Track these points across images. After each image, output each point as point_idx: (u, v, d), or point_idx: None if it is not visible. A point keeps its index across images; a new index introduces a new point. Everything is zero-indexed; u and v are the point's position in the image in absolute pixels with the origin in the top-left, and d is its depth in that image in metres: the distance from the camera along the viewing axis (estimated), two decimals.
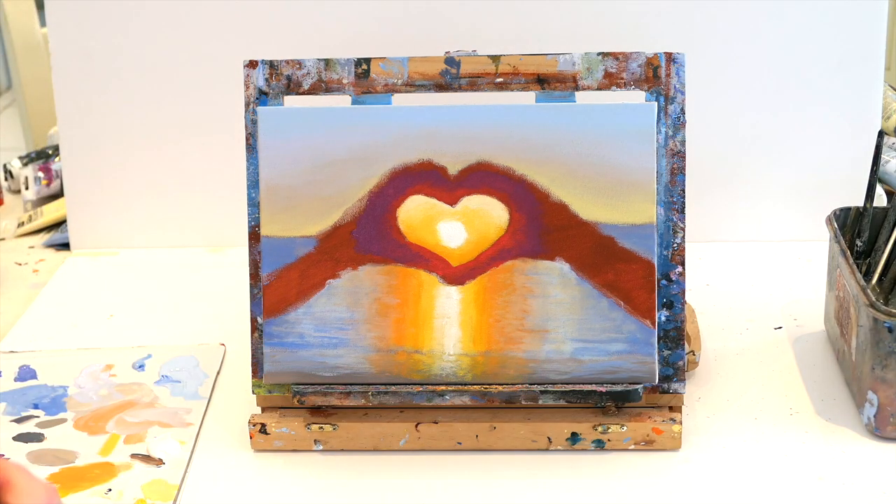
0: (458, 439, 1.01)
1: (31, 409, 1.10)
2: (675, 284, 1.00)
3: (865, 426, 1.02)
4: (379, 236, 1.01)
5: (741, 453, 1.00)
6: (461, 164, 1.01)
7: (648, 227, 0.99)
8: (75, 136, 1.39)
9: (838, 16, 1.29)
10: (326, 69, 1.03)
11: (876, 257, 1.11)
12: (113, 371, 1.16)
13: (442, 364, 1.00)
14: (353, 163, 1.01)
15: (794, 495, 0.95)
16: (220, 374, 1.15)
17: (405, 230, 1.01)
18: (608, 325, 0.99)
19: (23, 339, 1.23)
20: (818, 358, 1.13)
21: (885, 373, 0.99)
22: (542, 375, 1.00)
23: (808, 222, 1.32)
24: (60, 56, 1.37)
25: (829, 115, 1.32)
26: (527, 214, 1.00)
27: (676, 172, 1.00)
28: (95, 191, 1.40)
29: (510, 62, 1.02)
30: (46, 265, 1.40)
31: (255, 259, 1.03)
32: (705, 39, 1.30)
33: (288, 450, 1.02)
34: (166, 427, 1.07)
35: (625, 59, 1.01)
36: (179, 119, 1.37)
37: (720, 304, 1.23)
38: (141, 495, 0.98)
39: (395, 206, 1.01)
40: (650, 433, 1.00)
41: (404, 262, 1.00)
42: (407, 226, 1.01)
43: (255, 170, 1.03)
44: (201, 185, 1.39)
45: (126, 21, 1.35)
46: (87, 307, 1.30)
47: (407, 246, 1.01)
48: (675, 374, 1.01)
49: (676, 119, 1.00)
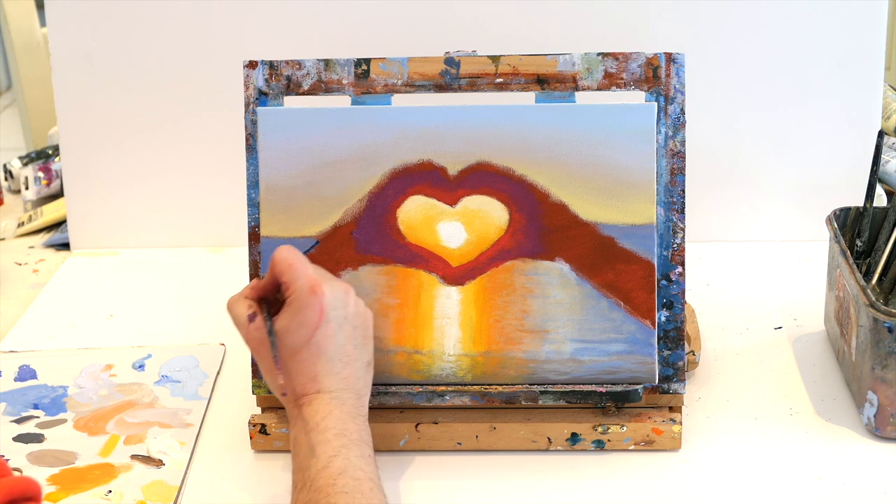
0: (458, 439, 1.01)
1: (31, 409, 1.10)
2: (675, 284, 1.00)
3: (865, 426, 1.02)
4: (379, 237, 1.01)
5: (741, 453, 1.00)
6: (461, 165, 1.01)
7: (648, 227, 0.99)
8: (75, 136, 1.39)
9: (838, 16, 1.29)
10: (326, 69, 1.03)
11: (876, 257, 1.11)
12: (113, 371, 1.16)
13: (442, 364, 1.00)
14: (353, 163, 1.01)
15: (794, 495, 0.95)
16: (220, 374, 1.15)
17: (405, 230, 1.01)
18: (608, 325, 0.99)
19: (23, 339, 1.23)
20: (818, 358, 1.13)
21: (885, 373, 0.99)
22: (541, 376, 1.00)
23: (808, 222, 1.32)
24: (60, 56, 1.37)
25: (830, 115, 1.32)
26: (527, 215, 1.00)
27: (676, 172, 1.00)
28: (95, 191, 1.40)
29: (510, 62, 1.02)
30: (46, 265, 1.40)
31: (255, 259, 1.03)
32: (705, 39, 1.30)
33: (288, 450, 1.02)
34: (166, 427, 1.07)
35: (625, 59, 1.01)
36: (179, 119, 1.37)
37: (720, 304, 1.23)
38: (141, 497, 0.98)
39: (395, 207, 1.01)
40: (650, 433, 1.00)
41: (404, 263, 1.00)
42: (407, 226, 1.01)
43: (255, 170, 1.03)
44: (201, 185, 1.39)
45: (126, 21, 1.34)
46: (87, 307, 1.30)
47: (407, 246, 1.01)
48: (675, 374, 1.01)
49: (676, 119, 1.00)
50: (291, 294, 0.93)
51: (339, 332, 0.93)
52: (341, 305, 0.94)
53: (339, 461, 0.88)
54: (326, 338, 0.92)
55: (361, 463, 0.89)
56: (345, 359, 0.93)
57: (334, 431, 0.90)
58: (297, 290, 0.93)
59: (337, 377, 0.93)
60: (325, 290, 0.93)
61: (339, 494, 0.86)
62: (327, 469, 0.88)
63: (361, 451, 0.90)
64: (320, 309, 0.92)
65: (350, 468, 0.88)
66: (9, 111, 3.49)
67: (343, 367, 0.93)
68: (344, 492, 0.86)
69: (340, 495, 0.86)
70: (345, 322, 0.94)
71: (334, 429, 0.90)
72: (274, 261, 0.94)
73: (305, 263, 0.94)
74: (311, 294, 0.92)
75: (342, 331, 0.93)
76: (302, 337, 0.92)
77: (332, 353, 0.93)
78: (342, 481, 0.87)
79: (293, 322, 0.92)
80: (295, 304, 0.92)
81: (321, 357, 0.92)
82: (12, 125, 2.88)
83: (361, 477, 0.88)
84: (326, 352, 0.93)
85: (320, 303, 0.92)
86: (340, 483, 0.87)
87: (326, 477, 0.87)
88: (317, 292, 0.92)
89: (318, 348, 0.92)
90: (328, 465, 0.88)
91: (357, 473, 0.88)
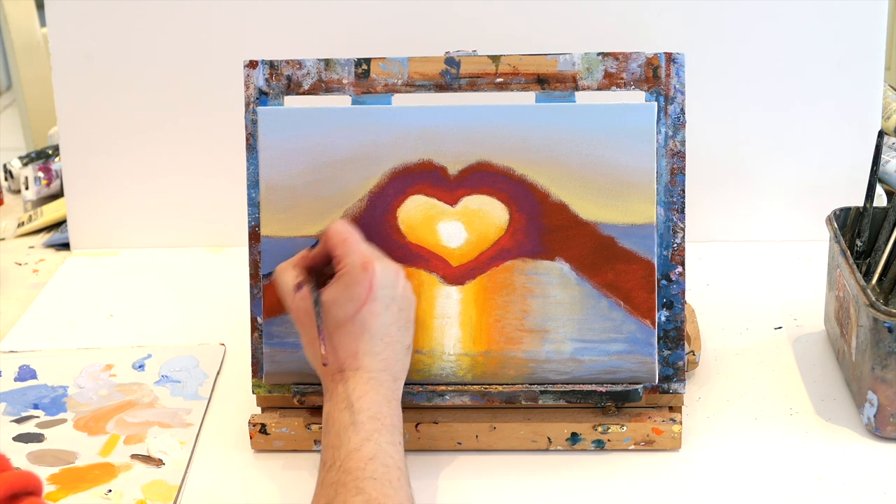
0: (458, 439, 1.01)
1: (31, 409, 1.10)
2: (675, 284, 1.00)
3: (865, 426, 1.02)
4: (379, 236, 1.01)
5: (741, 453, 1.00)
6: (461, 164, 1.01)
7: (648, 227, 0.99)
8: (75, 136, 1.39)
9: (838, 16, 1.29)
10: (326, 69, 1.03)
11: (876, 257, 1.11)
12: (113, 371, 1.16)
13: (442, 364, 1.00)
14: (353, 163, 1.01)
15: (794, 495, 0.95)
16: (220, 374, 1.15)
17: (405, 230, 1.01)
18: (608, 325, 0.99)
19: (23, 339, 1.23)
20: (818, 358, 1.13)
21: (885, 373, 0.99)
22: (541, 375, 1.00)
23: (808, 222, 1.32)
24: (60, 56, 1.37)
25: (829, 115, 1.32)
26: (527, 214, 1.00)
27: (676, 172, 1.00)
28: (95, 191, 1.40)
29: (510, 62, 1.02)
30: (46, 265, 1.40)
31: (255, 259, 1.03)
32: (705, 39, 1.30)
33: (288, 450, 1.02)
34: (166, 427, 1.07)
35: (625, 59, 1.01)
36: (179, 119, 1.37)
37: (720, 304, 1.23)
38: (141, 496, 0.98)
39: (396, 206, 1.01)
40: (650, 433, 1.00)
41: (404, 262, 1.00)
42: (407, 226, 1.01)
43: (255, 170, 1.03)
44: (201, 185, 1.39)
45: (126, 21, 1.34)
46: (87, 307, 1.30)
47: (407, 246, 1.01)
48: (675, 374, 1.01)
49: (676, 119, 1.00)
50: (343, 268, 0.94)
51: (385, 311, 0.94)
52: (391, 285, 0.94)
53: (370, 445, 0.89)
54: (372, 315, 0.93)
55: (392, 450, 0.89)
56: (387, 339, 0.94)
57: (368, 413, 0.90)
58: (348, 265, 0.93)
59: (377, 357, 0.93)
60: (376, 267, 0.93)
61: (367, 480, 0.86)
62: (358, 452, 0.88)
63: (392, 438, 0.90)
64: (370, 285, 0.93)
65: (381, 454, 0.88)
66: (9, 111, 3.49)
67: (384, 347, 0.94)
68: (373, 478, 0.86)
69: (369, 481, 0.86)
70: (392, 302, 0.94)
71: (368, 411, 0.91)
72: (328, 234, 0.95)
73: (359, 239, 0.95)
74: (362, 270, 0.93)
75: (388, 311, 0.94)
76: (348, 311, 0.93)
77: (376, 331, 0.93)
78: (372, 467, 0.87)
79: (342, 295, 0.93)
80: (345, 277, 0.93)
81: (364, 334, 0.93)
82: (12, 125, 2.88)
83: (391, 465, 0.88)
84: (370, 329, 0.93)
85: (371, 280, 0.93)
86: (370, 469, 0.87)
87: (357, 460, 0.88)
88: (368, 269, 0.93)
89: (362, 325, 0.93)
90: (360, 447, 0.88)
91: (387, 461, 0.88)
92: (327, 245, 0.96)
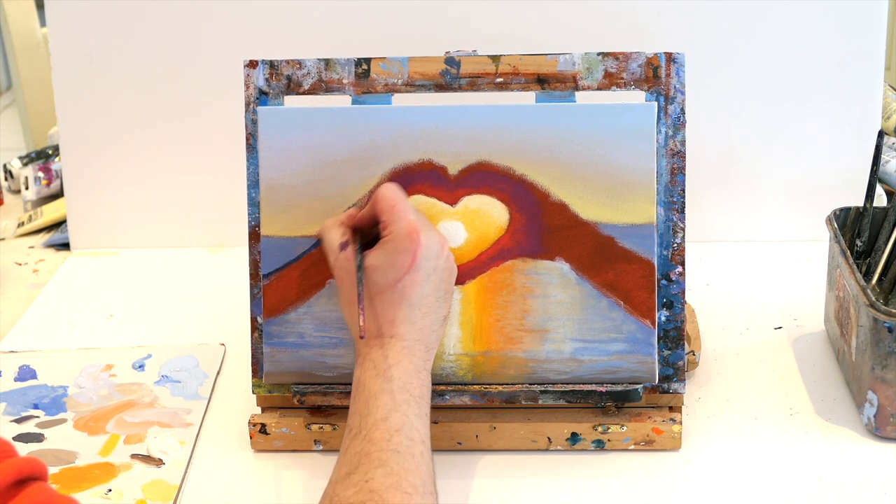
0: (458, 439, 1.01)
1: (31, 409, 1.10)
2: (675, 284, 1.00)
3: (865, 426, 1.02)
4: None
5: (741, 453, 1.00)
6: (461, 164, 1.01)
7: (648, 227, 0.99)
8: (75, 136, 1.39)
9: (838, 16, 1.29)
10: (326, 69, 1.03)
11: (876, 257, 1.11)
12: (113, 371, 1.16)
13: (442, 364, 1.00)
14: (353, 163, 1.01)
15: (794, 495, 0.95)
16: (220, 374, 1.15)
17: None
18: (608, 325, 0.99)
19: (23, 339, 1.23)
20: (818, 358, 1.13)
21: (885, 373, 0.99)
22: (542, 375, 1.00)
23: (808, 222, 1.32)
24: (60, 56, 1.37)
25: (829, 115, 1.32)
26: (527, 214, 1.00)
27: (676, 172, 1.00)
28: (95, 191, 1.40)
29: (510, 62, 1.02)
30: (46, 265, 1.40)
31: (255, 259, 1.03)
32: (705, 39, 1.30)
33: (288, 450, 1.02)
34: (166, 427, 1.07)
35: (625, 59, 1.01)
36: (179, 119, 1.37)
37: (720, 304, 1.23)
38: (141, 496, 0.98)
39: None
40: (650, 433, 1.00)
41: None
42: None
43: (255, 170, 1.03)
44: (201, 185, 1.39)
45: (126, 21, 1.34)
46: (87, 307, 1.30)
47: None
48: (675, 374, 1.01)
49: (676, 119, 1.00)
50: (389, 234, 0.93)
51: (426, 282, 0.93)
52: (434, 256, 0.94)
53: (397, 416, 0.88)
54: (413, 284, 0.93)
55: (418, 423, 0.89)
56: (424, 309, 0.93)
57: (399, 383, 0.90)
58: (395, 232, 0.93)
59: (413, 326, 0.93)
60: (422, 238, 0.93)
61: (391, 452, 0.86)
62: (385, 423, 0.88)
63: (420, 410, 0.90)
64: (414, 255, 0.92)
65: (406, 427, 0.88)
66: (9, 111, 3.49)
67: (421, 317, 0.93)
68: (397, 451, 0.86)
69: (392, 453, 0.86)
70: (433, 273, 0.94)
71: (399, 380, 0.90)
72: (377, 197, 0.95)
73: (408, 206, 0.95)
74: (408, 238, 0.93)
75: (429, 281, 0.94)
76: (390, 279, 0.92)
77: (415, 301, 0.93)
78: (397, 439, 0.87)
79: (385, 262, 0.93)
80: (390, 244, 0.93)
81: (403, 303, 0.93)
82: (12, 125, 2.88)
83: (415, 438, 0.88)
84: (409, 298, 0.93)
85: (415, 249, 0.92)
86: (395, 441, 0.87)
87: (383, 431, 0.87)
88: (414, 239, 0.93)
89: (402, 293, 0.93)
90: (387, 418, 0.88)
91: (412, 433, 0.88)
92: (375, 208, 0.95)
